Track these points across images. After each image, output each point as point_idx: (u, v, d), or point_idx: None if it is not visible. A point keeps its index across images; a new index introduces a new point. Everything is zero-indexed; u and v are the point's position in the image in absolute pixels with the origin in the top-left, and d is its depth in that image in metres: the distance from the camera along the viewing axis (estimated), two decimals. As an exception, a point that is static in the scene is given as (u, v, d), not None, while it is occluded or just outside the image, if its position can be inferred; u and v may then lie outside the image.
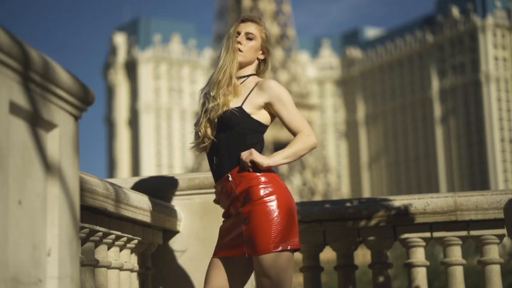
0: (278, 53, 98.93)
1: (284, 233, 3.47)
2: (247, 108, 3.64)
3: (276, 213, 3.48)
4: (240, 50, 3.75)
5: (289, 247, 3.48)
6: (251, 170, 3.55)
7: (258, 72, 3.84)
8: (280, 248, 3.46)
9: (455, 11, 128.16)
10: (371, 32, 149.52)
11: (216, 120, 3.63)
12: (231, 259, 3.60)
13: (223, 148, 3.62)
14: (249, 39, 3.77)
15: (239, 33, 3.78)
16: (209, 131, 3.65)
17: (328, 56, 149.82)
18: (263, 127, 3.68)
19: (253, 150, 3.56)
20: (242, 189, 3.55)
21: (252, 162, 3.54)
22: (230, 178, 3.58)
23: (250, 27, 3.79)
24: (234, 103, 3.66)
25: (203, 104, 3.74)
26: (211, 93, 3.69)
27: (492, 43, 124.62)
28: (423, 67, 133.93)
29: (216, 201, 3.78)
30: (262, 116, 3.67)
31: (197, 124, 3.73)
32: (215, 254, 3.65)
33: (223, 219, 3.72)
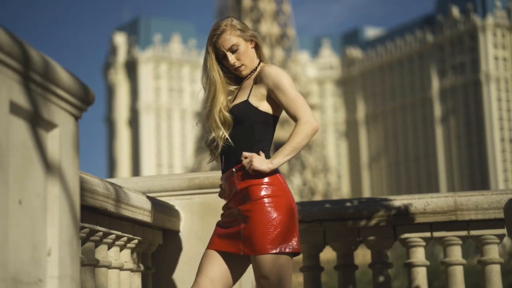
0: (278, 53, 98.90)
1: (283, 235, 3.43)
2: (253, 100, 3.56)
3: (275, 215, 3.44)
4: (239, 67, 3.62)
5: (287, 250, 3.43)
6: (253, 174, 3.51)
7: (259, 56, 3.71)
8: (277, 250, 3.42)
9: (455, 11, 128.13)
10: (371, 32, 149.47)
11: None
12: (225, 253, 3.56)
13: (231, 144, 3.58)
14: (236, 50, 3.60)
15: (223, 55, 3.61)
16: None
17: (328, 56, 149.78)
18: (271, 118, 3.60)
19: (254, 156, 3.49)
20: (243, 186, 3.51)
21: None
22: (234, 173, 3.56)
23: (226, 40, 3.59)
24: (240, 98, 3.62)
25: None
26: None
27: (492, 43, 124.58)
28: (423, 67, 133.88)
29: (220, 195, 3.74)
30: (268, 106, 3.58)
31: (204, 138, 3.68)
32: (210, 246, 3.61)
33: (222, 211, 3.69)
